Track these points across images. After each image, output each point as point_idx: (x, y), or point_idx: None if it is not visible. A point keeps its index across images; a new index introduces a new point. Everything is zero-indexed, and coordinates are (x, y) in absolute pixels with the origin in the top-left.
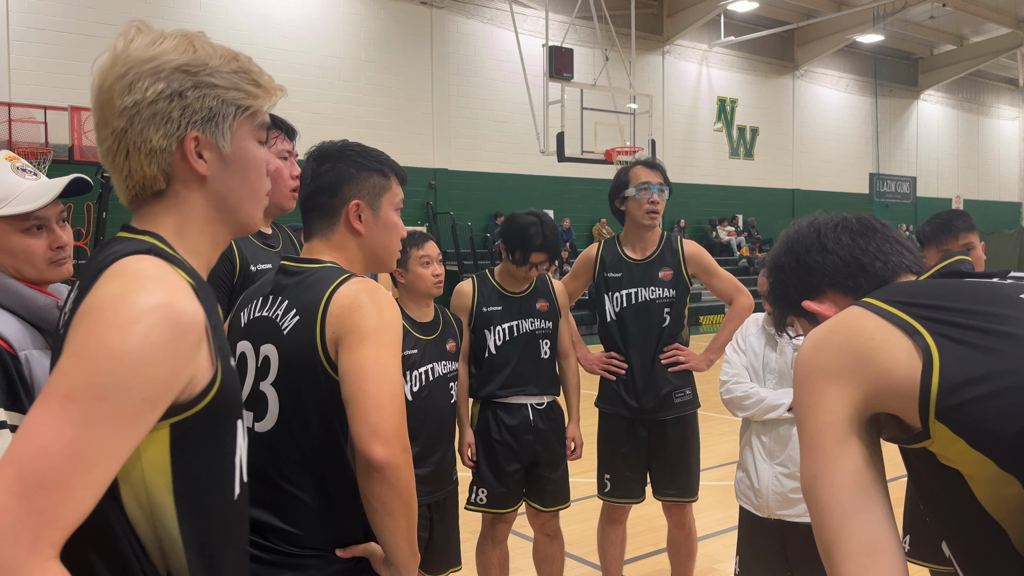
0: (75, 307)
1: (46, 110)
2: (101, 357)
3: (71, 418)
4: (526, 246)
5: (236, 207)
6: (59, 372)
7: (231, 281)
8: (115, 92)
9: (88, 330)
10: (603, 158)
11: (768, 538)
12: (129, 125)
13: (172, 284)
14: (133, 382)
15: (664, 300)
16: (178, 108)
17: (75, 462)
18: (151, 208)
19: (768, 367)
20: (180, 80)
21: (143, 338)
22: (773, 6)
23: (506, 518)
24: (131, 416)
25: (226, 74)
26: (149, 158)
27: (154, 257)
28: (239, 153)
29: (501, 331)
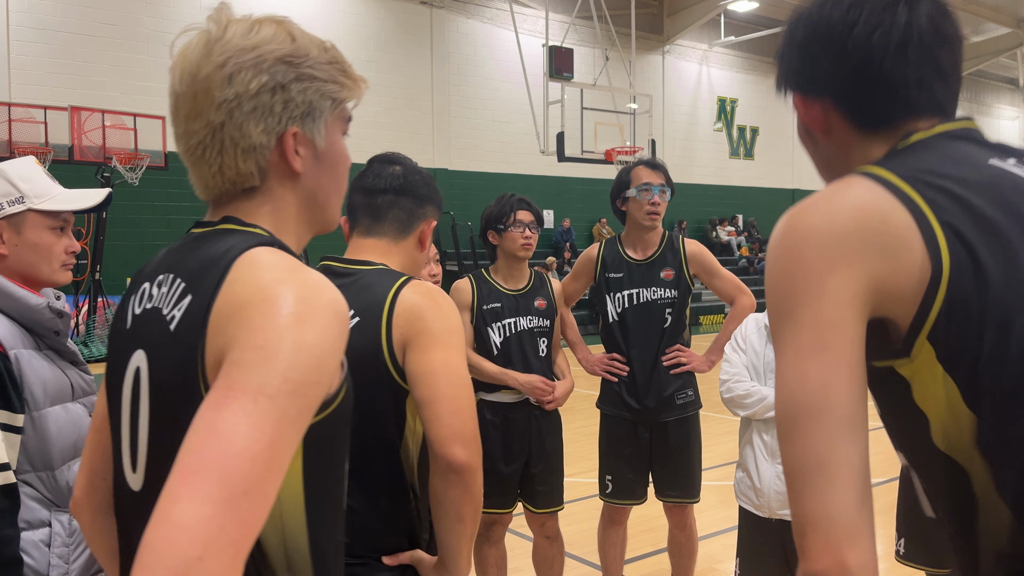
0: (201, 304)
1: (46, 110)
2: (291, 350)
3: (268, 416)
4: (507, 210)
5: (324, 205)
6: (241, 367)
7: None
8: (213, 83)
9: (266, 323)
10: (603, 158)
11: (769, 538)
12: (228, 118)
13: (317, 275)
14: (319, 377)
15: (666, 301)
16: (280, 102)
17: (272, 465)
18: (242, 204)
19: (769, 366)
20: (283, 72)
21: (324, 330)
22: (773, 6)
23: (502, 519)
24: (309, 415)
25: (324, 65)
26: (246, 154)
27: (279, 250)
28: (331, 149)
29: (501, 328)
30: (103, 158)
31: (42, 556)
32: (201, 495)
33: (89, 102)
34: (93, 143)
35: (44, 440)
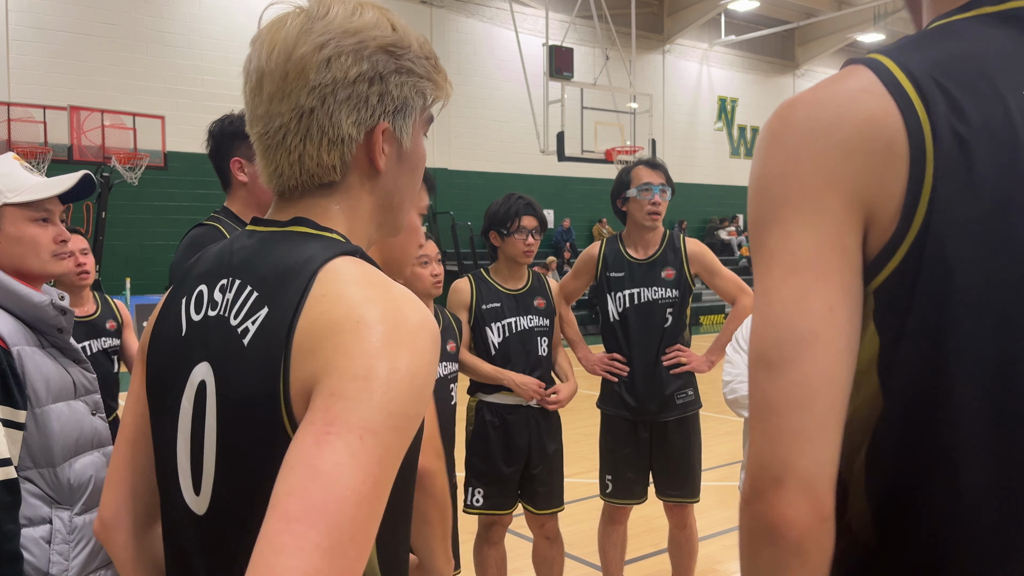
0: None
1: (45, 110)
2: (395, 381)
3: (374, 454)
4: (512, 213)
5: (398, 208)
6: (343, 400)
7: None
8: (310, 64)
9: (364, 349)
10: (603, 158)
11: None
12: (319, 104)
13: (406, 293)
14: (420, 408)
15: (667, 300)
16: (376, 94)
17: (376, 507)
18: (317, 201)
19: None
20: (384, 62)
21: (423, 356)
22: (774, 5)
23: (502, 520)
24: (407, 447)
25: (422, 60)
26: (332, 145)
27: (362, 260)
28: (415, 149)
29: (500, 328)
30: (102, 158)
31: (42, 553)
32: (308, 545)
33: (88, 102)
34: (92, 143)
35: (46, 437)
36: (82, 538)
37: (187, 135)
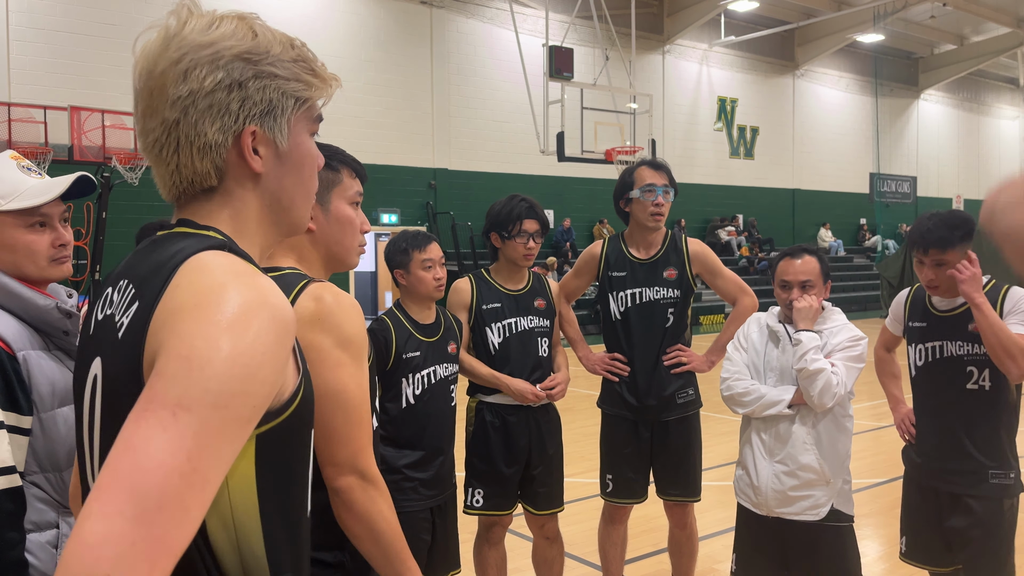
0: (146, 309)
1: (46, 110)
2: (215, 360)
3: (187, 429)
4: (514, 217)
5: (289, 207)
6: (163, 378)
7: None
8: (168, 79)
9: (192, 330)
10: (603, 158)
11: (766, 536)
12: (182, 116)
13: (263, 280)
14: (248, 387)
15: (668, 300)
16: (237, 100)
17: (192, 479)
18: (202, 204)
19: (769, 365)
20: (241, 69)
21: (256, 338)
22: (773, 5)
23: (502, 521)
24: (243, 425)
25: (287, 63)
26: (202, 153)
27: (229, 253)
28: (295, 149)
29: (501, 328)
30: (103, 158)
31: (48, 558)
32: (111, 511)
33: (89, 102)
34: (93, 143)
35: (52, 441)
36: None
37: None
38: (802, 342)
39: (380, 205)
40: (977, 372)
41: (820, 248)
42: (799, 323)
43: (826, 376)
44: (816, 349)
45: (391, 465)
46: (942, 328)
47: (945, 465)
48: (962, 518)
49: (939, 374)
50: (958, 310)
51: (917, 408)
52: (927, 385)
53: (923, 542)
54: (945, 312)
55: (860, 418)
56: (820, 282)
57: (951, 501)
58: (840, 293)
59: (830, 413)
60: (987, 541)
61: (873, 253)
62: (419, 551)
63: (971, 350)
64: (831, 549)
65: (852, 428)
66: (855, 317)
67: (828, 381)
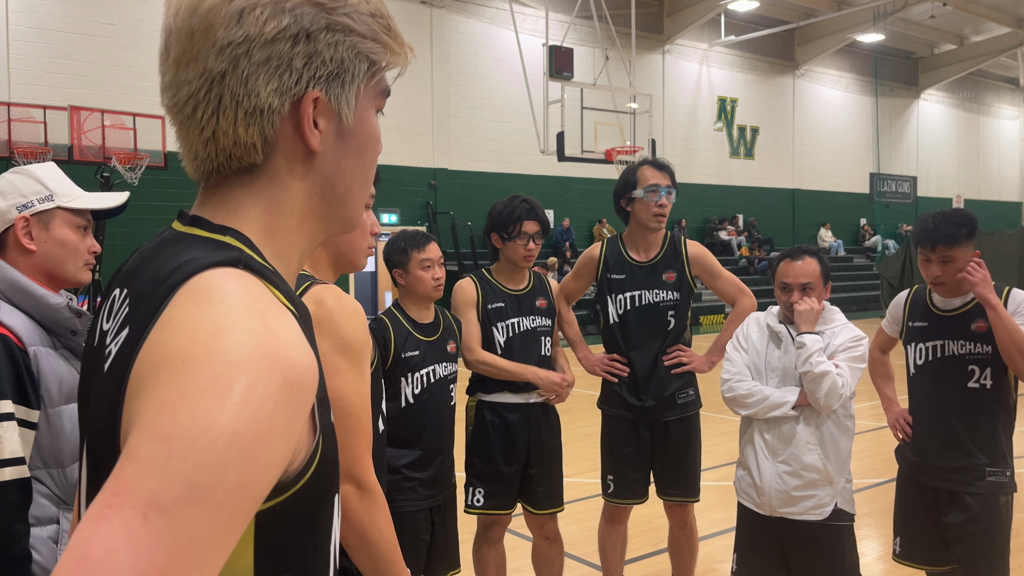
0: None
1: (46, 110)
2: (202, 441)
3: (162, 538)
4: (514, 218)
5: (344, 198)
6: (135, 464)
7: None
8: (218, 18)
9: (175, 397)
10: (603, 158)
11: (767, 535)
12: (231, 68)
13: (277, 320)
14: (247, 476)
15: (668, 303)
16: (303, 55)
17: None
18: (232, 190)
19: (771, 365)
20: (311, 16)
21: (260, 408)
22: (773, 5)
23: (501, 520)
24: (239, 524)
25: (365, 17)
26: (249, 119)
27: (244, 272)
28: (360, 126)
29: (505, 328)
30: (103, 158)
31: (50, 552)
32: None
33: (89, 102)
34: (93, 143)
35: (57, 437)
36: None
37: None
38: (806, 345)
39: (380, 205)
40: (979, 371)
41: (820, 248)
42: (801, 326)
43: (832, 379)
44: (820, 352)
45: (390, 465)
46: (944, 327)
47: (944, 463)
48: (959, 514)
49: (940, 373)
50: (960, 310)
51: (915, 406)
52: (927, 384)
53: (919, 540)
54: (947, 312)
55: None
56: (820, 284)
57: (949, 498)
58: (840, 293)
59: (833, 413)
60: (983, 537)
61: (873, 253)
62: (418, 551)
63: (973, 349)
64: (832, 548)
65: (854, 428)
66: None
67: (834, 383)
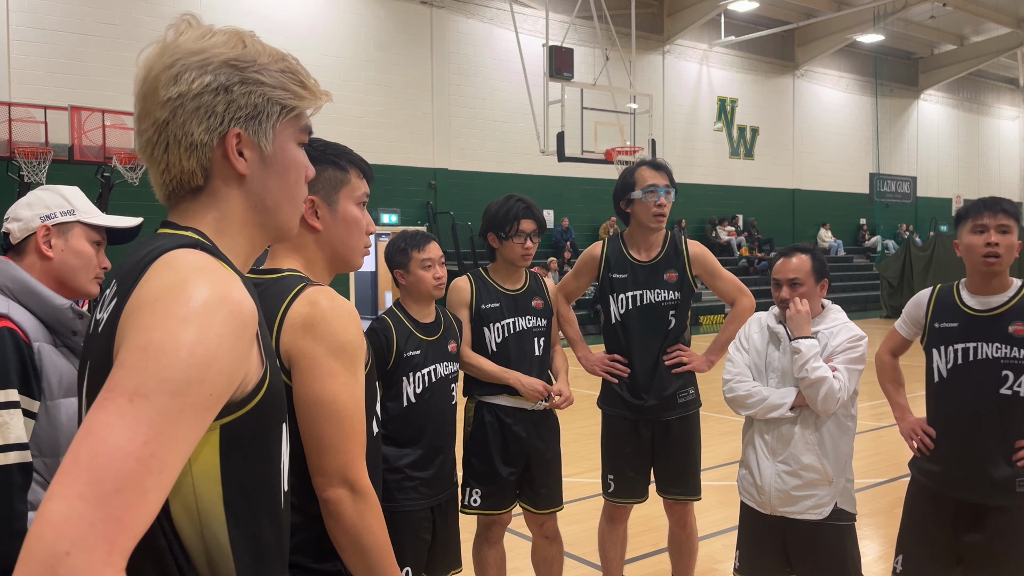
0: (120, 304)
1: (46, 110)
2: (170, 350)
3: (144, 416)
4: (511, 217)
5: (274, 210)
6: (123, 368)
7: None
8: (160, 82)
9: (151, 323)
10: (603, 158)
11: (769, 534)
12: (172, 117)
13: (226, 276)
14: (204, 376)
15: (669, 302)
16: (223, 102)
17: (149, 463)
18: (189, 205)
19: (771, 366)
20: (227, 74)
21: (211, 329)
22: (773, 6)
23: (500, 519)
24: (201, 413)
25: (274, 72)
26: (189, 152)
27: (200, 251)
28: (280, 154)
29: (499, 328)
30: (103, 158)
31: None
32: (71, 493)
33: (89, 102)
34: (93, 143)
35: (55, 428)
36: None
37: None
38: (801, 351)
39: (380, 205)
40: (1013, 377)
41: (818, 248)
42: (794, 331)
43: (828, 384)
44: (816, 357)
45: (392, 464)
46: (976, 328)
47: (971, 473)
48: (982, 530)
49: (970, 377)
50: (997, 310)
51: (940, 413)
52: (955, 389)
53: (928, 559)
54: (980, 312)
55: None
56: (811, 280)
57: (971, 512)
58: (840, 293)
59: (833, 414)
60: (1005, 556)
61: (873, 253)
62: (420, 550)
63: (1009, 353)
64: (833, 547)
65: (855, 428)
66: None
67: (831, 388)
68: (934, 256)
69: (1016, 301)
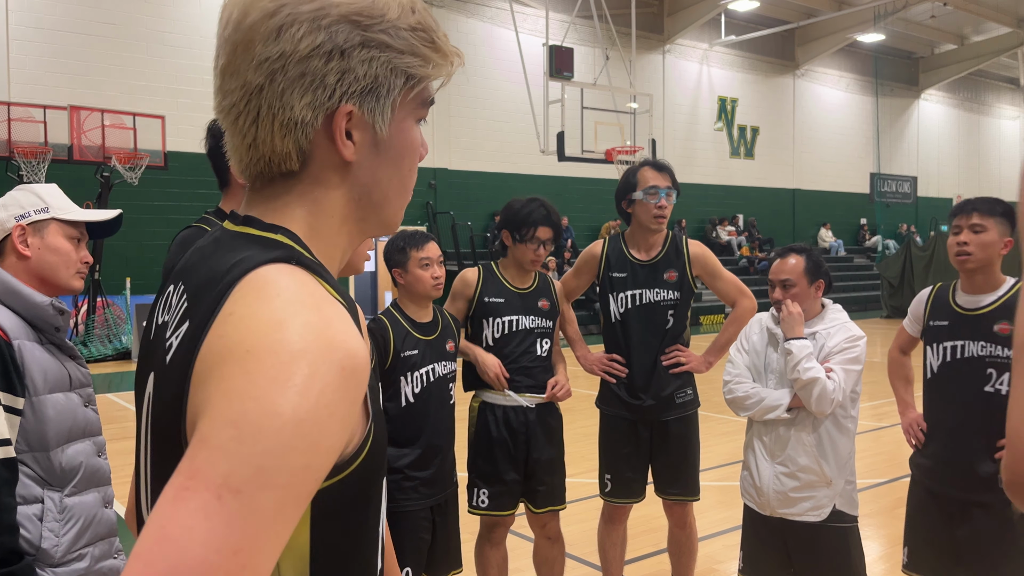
0: (197, 332)
1: (45, 109)
2: (269, 429)
3: (236, 517)
4: (530, 222)
5: (381, 204)
6: (208, 449)
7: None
8: (257, 34)
9: (243, 387)
10: (603, 158)
11: (770, 535)
12: (268, 82)
13: (331, 312)
14: (311, 460)
15: (668, 302)
16: (336, 71)
17: (242, 573)
18: (277, 192)
19: (770, 367)
20: (346, 34)
21: (321, 395)
22: (774, 5)
23: (504, 521)
24: (303, 503)
25: (403, 31)
26: (285, 130)
27: (297, 268)
28: (397, 137)
29: (500, 324)
30: (103, 157)
31: (35, 528)
32: None
33: (89, 101)
34: (93, 143)
35: (42, 423)
36: (71, 517)
37: (187, 135)
38: (792, 353)
39: None
40: (996, 375)
41: (815, 248)
42: (786, 333)
43: (821, 385)
44: (808, 357)
45: (391, 465)
46: (964, 327)
47: (957, 469)
48: (972, 527)
49: (957, 375)
50: (983, 309)
51: (931, 409)
52: (943, 386)
53: (930, 552)
54: (969, 311)
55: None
56: (804, 281)
57: (961, 508)
58: (840, 293)
59: (831, 415)
60: (996, 551)
61: (873, 253)
62: (419, 550)
63: (992, 351)
64: (834, 549)
65: (855, 429)
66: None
67: (824, 389)
68: (934, 256)
69: (1004, 300)
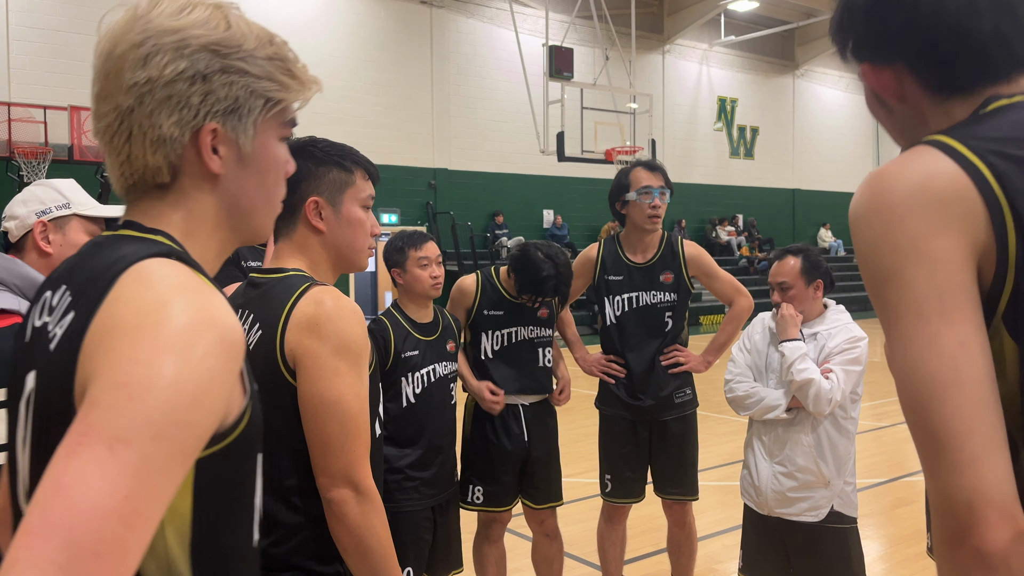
0: (82, 320)
1: (46, 109)
2: (156, 387)
3: (126, 467)
4: (540, 289)
5: (249, 213)
6: (99, 408)
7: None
8: (126, 63)
9: (131, 355)
10: (603, 158)
11: (769, 534)
12: (137, 104)
13: (211, 296)
14: (194, 416)
15: (665, 304)
16: (199, 93)
17: (132, 521)
18: (152, 203)
19: (771, 367)
20: (207, 61)
21: (201, 361)
22: (774, 5)
23: (501, 517)
24: (188, 458)
25: (260, 60)
26: (155, 146)
27: (177, 262)
28: (260, 152)
29: (500, 336)
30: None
31: None
32: (42, 560)
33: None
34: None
35: None
36: None
37: None
38: (785, 354)
39: (380, 205)
40: None
41: (813, 248)
42: (780, 334)
43: (816, 386)
44: (802, 359)
45: (392, 465)
46: None
47: None
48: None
49: None
50: None
51: None
52: None
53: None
54: None
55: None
56: (800, 282)
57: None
58: (840, 293)
59: (831, 415)
60: None
61: None
62: (421, 550)
63: None
64: (832, 550)
65: (855, 430)
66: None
67: (819, 389)
68: None
69: None
